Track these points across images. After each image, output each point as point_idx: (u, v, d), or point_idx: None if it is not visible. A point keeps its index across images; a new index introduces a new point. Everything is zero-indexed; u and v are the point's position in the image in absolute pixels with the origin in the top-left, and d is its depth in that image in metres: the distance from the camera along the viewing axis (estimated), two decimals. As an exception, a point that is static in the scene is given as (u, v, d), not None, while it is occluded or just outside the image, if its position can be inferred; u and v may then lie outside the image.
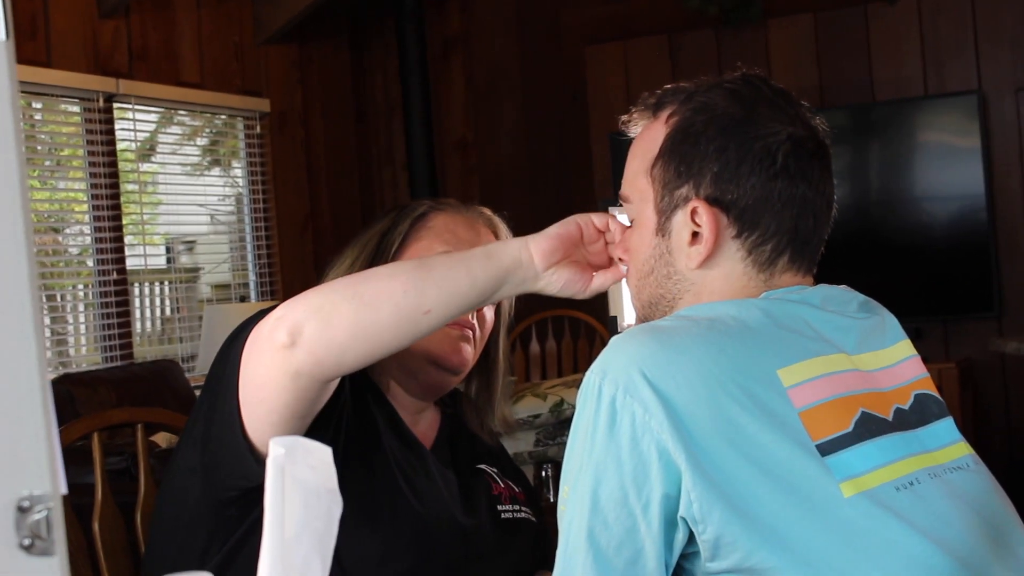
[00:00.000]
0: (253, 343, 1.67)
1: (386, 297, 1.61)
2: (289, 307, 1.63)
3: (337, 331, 1.60)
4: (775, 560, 1.30)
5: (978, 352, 6.14)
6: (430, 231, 2.00)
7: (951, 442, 1.49)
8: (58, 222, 5.84)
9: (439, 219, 2.02)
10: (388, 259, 1.97)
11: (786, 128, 1.50)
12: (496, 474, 2.06)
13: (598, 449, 1.35)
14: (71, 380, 5.18)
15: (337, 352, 1.61)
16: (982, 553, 1.38)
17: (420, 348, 1.94)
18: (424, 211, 2.03)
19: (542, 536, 2.04)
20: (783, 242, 1.50)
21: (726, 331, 1.40)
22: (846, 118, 6.33)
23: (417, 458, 1.93)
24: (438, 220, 2.02)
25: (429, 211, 2.03)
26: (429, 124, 7.13)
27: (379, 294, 1.61)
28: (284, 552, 0.91)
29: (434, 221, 2.01)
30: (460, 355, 1.97)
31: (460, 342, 1.97)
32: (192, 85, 6.31)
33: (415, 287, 1.62)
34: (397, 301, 1.61)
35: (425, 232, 2.00)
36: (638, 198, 1.56)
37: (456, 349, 1.96)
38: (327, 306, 1.61)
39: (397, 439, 1.91)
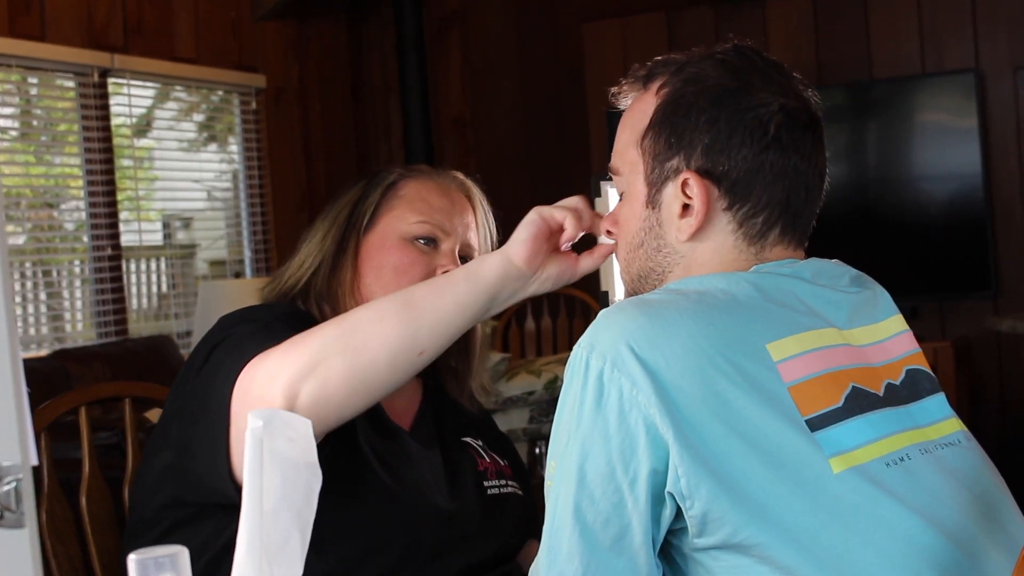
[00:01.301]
0: (244, 396, 1.65)
1: (378, 345, 1.62)
2: (278, 364, 1.62)
3: (335, 389, 1.61)
4: (763, 536, 1.29)
5: (974, 331, 6.13)
6: (402, 200, 1.98)
7: (943, 418, 1.48)
8: (54, 198, 5.82)
9: (410, 186, 2.00)
10: (361, 230, 1.96)
11: (778, 99, 1.49)
12: (481, 447, 2.04)
13: (585, 423, 1.34)
14: (66, 356, 5.18)
15: (337, 408, 1.63)
16: (972, 529, 1.37)
17: None
18: (395, 179, 2.00)
19: (530, 509, 2.03)
20: (774, 215, 1.49)
21: (715, 305, 1.39)
22: (844, 96, 6.31)
23: (397, 444, 1.91)
24: (409, 188, 1.99)
25: (400, 179, 2.01)
26: (426, 101, 7.10)
27: (371, 343, 1.61)
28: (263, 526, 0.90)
29: (405, 189, 1.99)
30: None
31: None
32: (188, 60, 6.28)
33: (406, 330, 1.63)
34: (391, 347, 1.63)
35: (397, 201, 1.98)
36: (628, 170, 1.54)
37: None
38: (320, 365, 1.60)
39: (373, 429, 1.89)
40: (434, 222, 1.96)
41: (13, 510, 0.70)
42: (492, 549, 1.91)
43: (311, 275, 1.96)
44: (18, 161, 5.63)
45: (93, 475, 2.13)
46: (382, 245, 1.94)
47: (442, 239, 1.97)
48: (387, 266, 1.93)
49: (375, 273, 1.93)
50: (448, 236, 1.97)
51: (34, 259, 5.62)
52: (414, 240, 1.95)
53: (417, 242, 1.95)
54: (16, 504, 0.70)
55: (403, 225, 1.95)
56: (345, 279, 1.94)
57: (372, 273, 1.93)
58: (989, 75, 6.11)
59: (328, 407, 1.61)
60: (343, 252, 1.95)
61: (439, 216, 1.97)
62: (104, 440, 3.41)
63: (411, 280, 1.91)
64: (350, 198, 1.99)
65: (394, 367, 1.63)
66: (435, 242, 1.96)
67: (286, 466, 0.92)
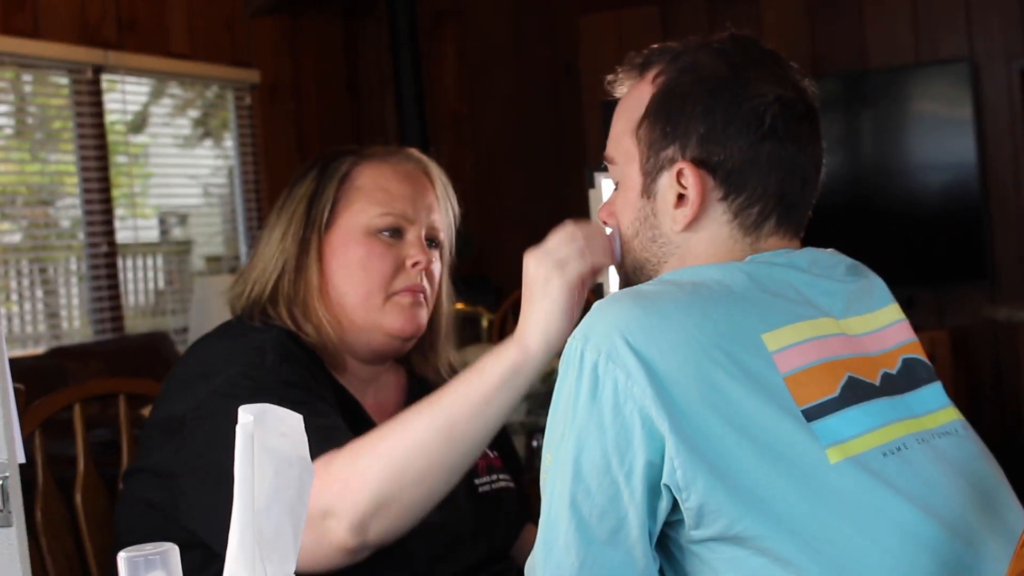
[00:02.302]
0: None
1: (433, 478, 1.62)
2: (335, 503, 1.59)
3: (401, 521, 1.62)
4: (760, 527, 1.28)
5: (970, 320, 6.13)
6: (360, 192, 1.91)
7: (939, 407, 1.48)
8: (49, 195, 5.81)
9: (366, 175, 1.92)
10: (322, 228, 1.89)
11: (774, 90, 1.48)
12: None
13: (580, 416, 1.33)
14: (62, 353, 5.17)
15: (407, 528, 1.64)
16: (970, 519, 1.36)
17: (373, 323, 1.89)
18: (348, 169, 1.92)
19: (523, 499, 2.01)
20: (770, 205, 1.48)
21: (710, 295, 1.38)
22: (838, 86, 6.31)
23: None
24: (365, 177, 1.92)
25: (352, 167, 1.93)
26: (421, 97, 7.09)
27: (424, 479, 1.61)
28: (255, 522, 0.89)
29: (361, 179, 1.92)
30: (415, 322, 1.91)
31: (413, 308, 1.91)
32: (182, 56, 6.27)
33: (457, 458, 1.62)
34: (445, 477, 1.63)
35: (355, 194, 1.91)
36: (623, 159, 1.53)
37: (410, 317, 1.91)
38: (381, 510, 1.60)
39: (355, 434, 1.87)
40: (396, 212, 1.90)
41: (0, 508, 0.70)
42: (484, 550, 1.88)
43: (276, 279, 1.90)
44: (13, 159, 5.62)
45: (88, 472, 2.13)
46: (346, 242, 1.89)
47: (407, 228, 1.91)
48: (354, 264, 1.88)
49: (343, 272, 1.89)
50: (412, 223, 1.91)
51: (30, 256, 5.61)
52: (378, 233, 1.89)
53: (381, 235, 1.89)
54: (3, 503, 0.69)
55: (365, 219, 1.89)
56: (311, 281, 1.89)
57: (340, 272, 1.89)
58: (983, 64, 6.11)
59: (399, 533, 1.63)
60: (306, 253, 1.89)
61: (400, 204, 1.90)
62: (100, 437, 3.40)
63: (380, 275, 1.87)
64: (305, 192, 1.92)
65: (450, 483, 1.64)
66: (400, 232, 1.91)
67: (278, 461, 0.91)
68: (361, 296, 1.88)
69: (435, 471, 1.61)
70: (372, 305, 1.88)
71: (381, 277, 1.88)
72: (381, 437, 1.62)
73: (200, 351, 1.88)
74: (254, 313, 1.91)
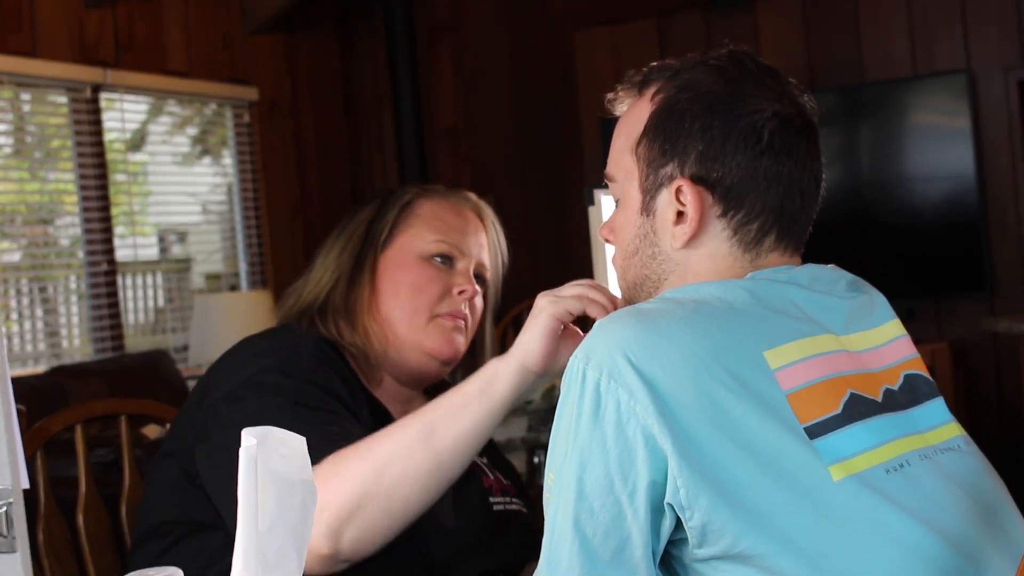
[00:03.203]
0: None
1: (410, 483, 1.67)
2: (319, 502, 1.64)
3: (375, 530, 1.67)
4: (764, 546, 1.28)
5: (970, 332, 6.13)
6: (418, 219, 2.03)
7: (942, 423, 1.48)
8: (49, 214, 5.81)
9: (426, 206, 2.05)
10: (379, 247, 2.00)
11: (772, 105, 1.48)
12: (485, 464, 2.06)
13: (583, 435, 1.33)
14: (63, 372, 5.17)
15: (380, 543, 1.69)
16: (974, 535, 1.36)
17: (415, 341, 1.98)
18: (410, 199, 2.05)
19: (533, 529, 2.03)
20: (769, 221, 1.48)
21: (711, 313, 1.38)
22: (835, 99, 6.31)
23: None
24: (425, 207, 2.04)
25: (415, 198, 2.06)
26: (419, 112, 7.10)
27: (403, 481, 1.67)
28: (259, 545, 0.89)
29: (421, 208, 2.04)
30: (453, 346, 2.00)
31: (453, 333, 2.00)
32: (180, 74, 6.28)
33: (432, 463, 1.68)
34: (421, 483, 1.68)
35: (414, 220, 2.03)
36: (623, 177, 1.54)
37: (450, 340, 1.99)
38: (357, 512, 1.65)
39: None
40: (450, 241, 2.01)
41: (4, 535, 0.70)
42: (497, 563, 1.91)
43: (328, 291, 2.01)
44: (12, 177, 5.62)
45: (90, 493, 2.13)
46: (400, 262, 2.00)
47: (458, 258, 2.02)
48: (405, 283, 1.98)
49: (393, 290, 1.99)
50: (463, 256, 2.03)
51: (30, 275, 5.61)
52: (431, 258, 2.00)
53: (434, 260, 2.00)
54: (7, 529, 0.69)
55: (420, 243, 2.00)
56: (363, 295, 1.99)
57: (390, 290, 1.99)
58: (980, 76, 6.12)
59: (371, 545, 1.68)
60: (360, 269, 2.00)
61: (455, 236, 2.02)
62: (101, 457, 3.40)
63: (428, 296, 1.98)
64: (366, 216, 2.04)
65: (427, 495, 1.69)
66: (451, 260, 2.02)
67: (280, 484, 0.91)
68: (408, 313, 1.98)
69: (412, 475, 1.66)
70: (416, 324, 1.98)
71: (428, 299, 1.98)
72: (367, 441, 1.69)
73: (242, 348, 1.97)
74: (302, 321, 2.01)
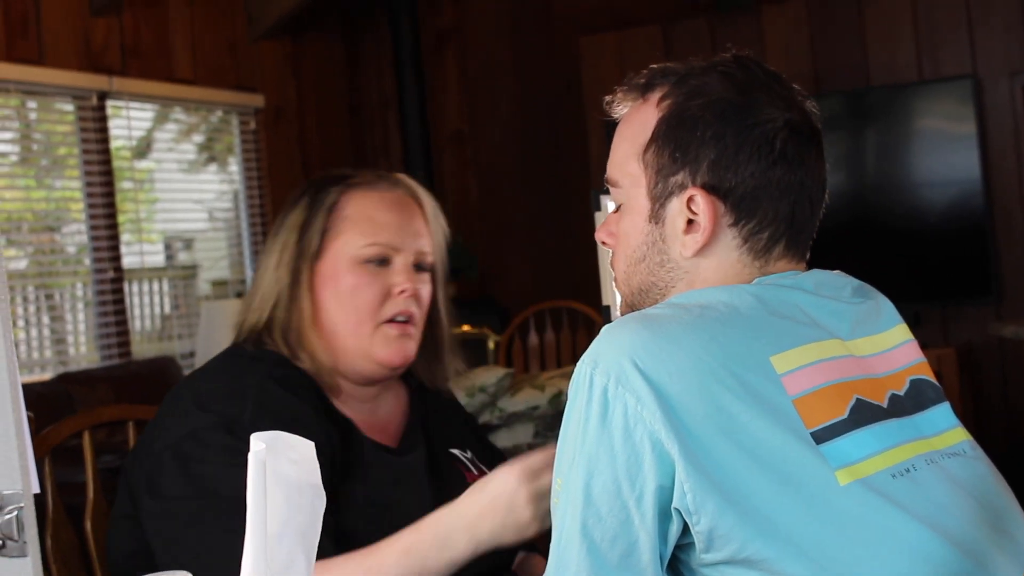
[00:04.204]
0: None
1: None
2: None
3: None
4: (770, 551, 1.28)
5: (977, 337, 6.12)
6: (347, 222, 1.97)
7: (948, 428, 1.48)
8: (55, 221, 5.83)
9: (353, 205, 1.98)
10: (311, 260, 1.95)
11: (783, 114, 1.48)
12: (470, 460, 2.04)
13: (590, 440, 1.33)
14: (69, 379, 5.18)
15: None
16: (980, 539, 1.36)
17: (363, 351, 1.95)
18: (335, 199, 1.98)
19: None
20: (780, 230, 1.48)
21: (718, 318, 1.38)
22: (841, 104, 6.31)
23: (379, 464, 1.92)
24: (352, 207, 1.98)
25: (340, 196, 1.99)
26: (424, 117, 7.11)
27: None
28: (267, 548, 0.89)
29: (349, 208, 1.97)
30: (403, 353, 1.97)
31: (400, 340, 1.97)
32: (185, 81, 6.29)
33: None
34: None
35: (343, 224, 1.97)
36: (629, 183, 1.52)
37: (398, 348, 1.96)
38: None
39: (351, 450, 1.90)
40: (382, 242, 1.96)
41: (15, 539, 0.70)
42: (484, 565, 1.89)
43: (272, 308, 1.97)
44: (18, 185, 5.63)
45: (97, 500, 2.13)
46: (335, 273, 1.95)
47: (393, 256, 1.97)
48: (343, 293, 1.94)
49: (332, 302, 1.95)
50: (399, 251, 1.97)
51: (36, 283, 5.62)
52: (365, 262, 1.95)
53: (369, 264, 1.95)
54: (18, 533, 0.70)
55: (352, 249, 1.95)
56: (304, 311, 1.95)
57: (330, 302, 1.95)
58: (986, 80, 6.11)
59: None
60: (298, 283, 1.96)
61: (386, 234, 1.96)
62: (108, 463, 3.41)
63: (368, 303, 1.94)
64: (295, 221, 1.98)
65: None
66: (387, 260, 1.97)
67: (289, 488, 0.91)
68: (351, 325, 1.95)
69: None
70: (362, 333, 1.95)
71: (369, 306, 1.94)
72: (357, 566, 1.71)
73: (188, 384, 1.95)
74: (251, 340, 1.99)
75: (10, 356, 0.71)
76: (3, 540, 0.69)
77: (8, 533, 0.69)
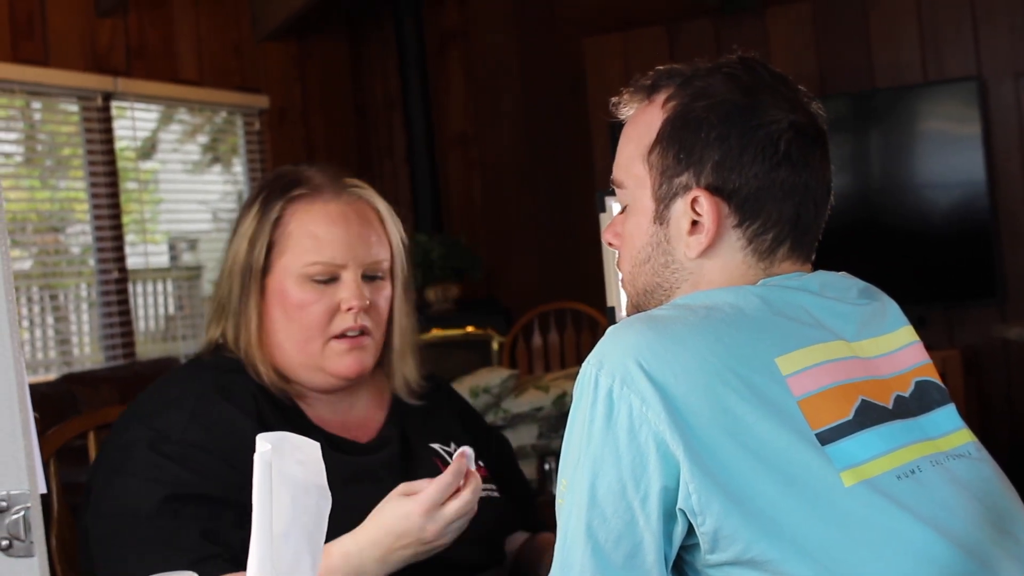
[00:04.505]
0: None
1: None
2: None
3: None
4: (775, 552, 1.28)
5: (981, 339, 6.12)
6: (290, 239, 1.92)
7: (953, 429, 1.48)
8: (60, 222, 5.83)
9: (297, 220, 1.93)
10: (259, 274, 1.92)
11: (788, 116, 1.48)
12: (447, 452, 2.01)
13: (595, 441, 1.33)
14: (73, 380, 5.18)
15: None
16: (985, 541, 1.36)
17: (315, 365, 1.93)
18: (279, 213, 1.93)
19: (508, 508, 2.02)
20: (784, 231, 1.48)
21: (723, 319, 1.38)
22: (845, 105, 6.31)
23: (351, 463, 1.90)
24: (296, 222, 1.93)
25: (284, 211, 1.93)
26: (429, 118, 7.12)
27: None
28: (273, 548, 0.90)
29: (293, 223, 1.93)
30: (357, 364, 1.94)
31: (352, 353, 1.94)
32: (191, 82, 6.30)
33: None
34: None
35: (287, 241, 1.93)
36: (633, 184, 1.53)
37: (350, 362, 1.93)
38: None
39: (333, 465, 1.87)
40: (326, 260, 1.91)
41: (22, 539, 0.70)
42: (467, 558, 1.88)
43: (222, 321, 1.97)
44: (23, 186, 5.64)
45: (102, 500, 2.13)
46: (281, 289, 1.92)
47: (340, 272, 1.92)
48: (290, 308, 1.92)
49: (282, 317, 1.93)
50: (345, 267, 1.92)
51: (41, 283, 5.63)
52: (311, 280, 1.91)
53: (315, 281, 1.91)
54: (25, 533, 0.70)
55: (296, 267, 1.91)
56: (250, 327, 1.93)
57: (279, 316, 1.93)
58: (991, 82, 6.11)
59: None
60: (247, 296, 1.94)
61: (331, 251, 1.91)
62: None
63: (317, 324, 1.91)
64: (246, 231, 1.94)
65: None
66: (335, 277, 1.92)
67: (295, 488, 0.92)
68: (299, 343, 1.92)
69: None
70: (311, 351, 1.92)
71: (317, 323, 1.91)
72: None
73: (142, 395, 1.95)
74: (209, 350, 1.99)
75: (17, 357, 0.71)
76: (10, 540, 0.70)
77: (15, 533, 0.70)
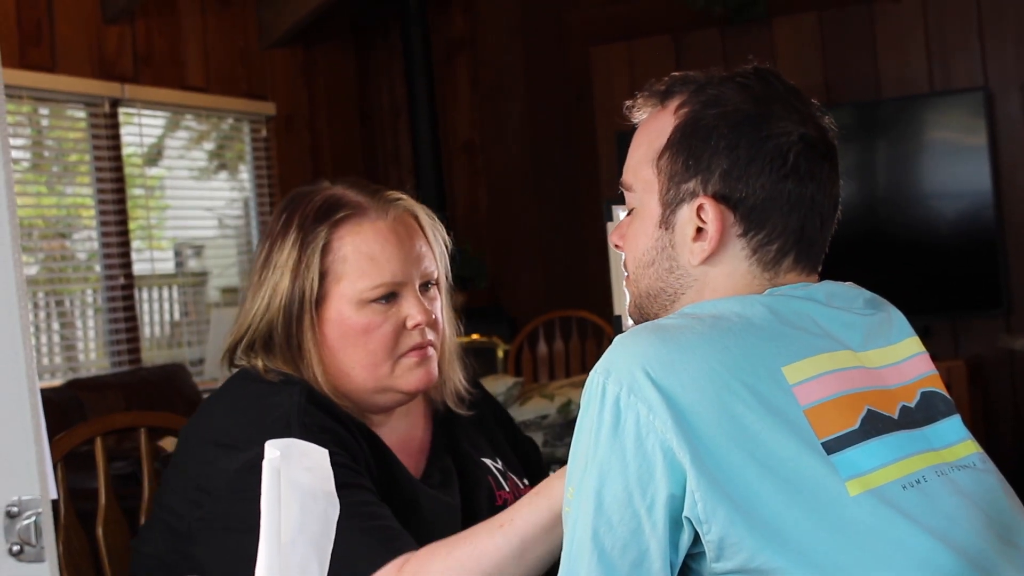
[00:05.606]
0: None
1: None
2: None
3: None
4: (780, 560, 1.28)
5: (987, 349, 6.11)
6: (344, 264, 1.85)
7: (958, 440, 1.48)
8: (66, 228, 5.84)
9: (348, 245, 1.86)
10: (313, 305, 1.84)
11: (798, 128, 1.48)
12: (500, 471, 1.99)
13: (602, 449, 1.34)
14: (79, 385, 5.19)
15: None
16: (989, 551, 1.36)
17: (385, 387, 1.88)
18: (325, 239, 1.85)
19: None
20: (789, 243, 1.48)
21: (730, 328, 1.39)
22: (852, 116, 6.31)
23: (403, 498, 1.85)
24: (347, 247, 1.85)
25: (331, 236, 1.86)
26: (435, 126, 7.12)
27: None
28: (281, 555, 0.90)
29: (344, 249, 1.85)
30: (427, 377, 1.90)
31: (423, 365, 1.89)
32: (197, 89, 6.31)
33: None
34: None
35: (341, 267, 1.85)
36: (642, 187, 1.53)
37: (422, 375, 1.89)
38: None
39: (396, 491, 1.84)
40: (386, 281, 1.85)
41: (33, 544, 0.70)
42: None
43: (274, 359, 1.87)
44: (30, 192, 5.65)
45: (109, 506, 2.14)
46: (340, 318, 1.85)
47: (400, 290, 1.87)
48: (353, 337, 1.85)
49: (344, 344, 1.85)
50: (405, 283, 1.87)
51: (47, 289, 5.64)
52: (372, 302, 1.85)
53: (376, 303, 1.85)
54: (36, 538, 0.70)
55: (356, 293, 1.84)
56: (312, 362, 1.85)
57: (340, 347, 1.85)
58: (997, 92, 6.11)
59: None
60: (300, 333, 1.85)
61: (391, 270, 1.85)
62: (118, 470, 3.41)
63: (382, 343, 1.84)
64: (286, 262, 1.86)
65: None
66: (396, 295, 1.87)
67: (304, 496, 0.92)
68: (368, 368, 1.86)
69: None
70: (381, 374, 1.87)
71: (384, 346, 1.86)
72: (450, 551, 1.62)
73: (220, 413, 1.86)
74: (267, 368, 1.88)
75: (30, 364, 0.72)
76: (21, 545, 0.70)
77: (26, 538, 0.70)
